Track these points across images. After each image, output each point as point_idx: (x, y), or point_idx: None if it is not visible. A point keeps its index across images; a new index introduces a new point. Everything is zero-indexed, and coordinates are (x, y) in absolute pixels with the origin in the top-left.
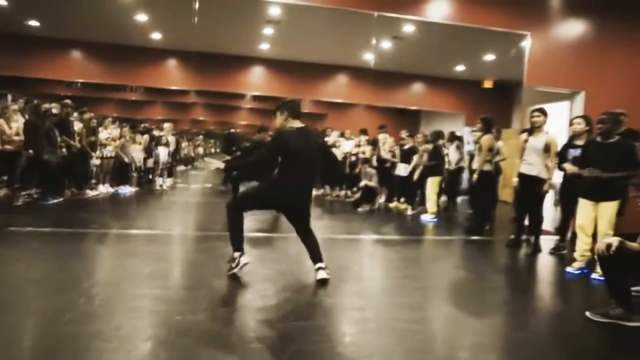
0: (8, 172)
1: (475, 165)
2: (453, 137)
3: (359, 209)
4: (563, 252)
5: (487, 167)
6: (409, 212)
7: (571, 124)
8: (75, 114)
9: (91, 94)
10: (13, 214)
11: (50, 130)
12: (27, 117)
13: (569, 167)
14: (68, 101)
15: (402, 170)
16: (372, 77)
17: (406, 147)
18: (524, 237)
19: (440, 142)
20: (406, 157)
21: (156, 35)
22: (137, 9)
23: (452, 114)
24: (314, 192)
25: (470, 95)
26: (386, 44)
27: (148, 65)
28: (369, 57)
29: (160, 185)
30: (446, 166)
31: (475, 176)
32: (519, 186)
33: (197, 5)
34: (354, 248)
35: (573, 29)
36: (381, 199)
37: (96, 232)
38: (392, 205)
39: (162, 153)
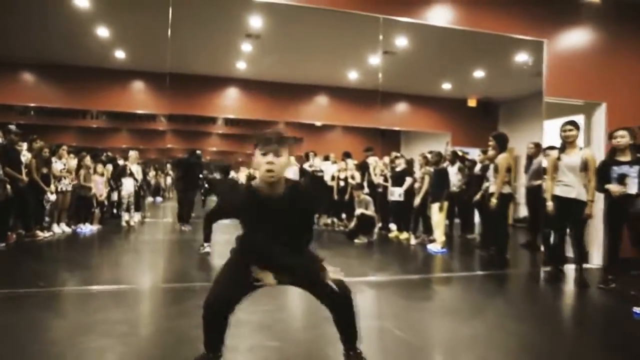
0: None
1: (492, 187)
2: (455, 158)
3: (356, 241)
4: (612, 286)
5: (506, 190)
6: (413, 241)
7: (612, 137)
8: (24, 143)
9: (48, 121)
10: None
11: None
12: None
13: (615, 187)
14: (13, 126)
15: (395, 194)
16: (352, 97)
17: (398, 169)
18: (561, 267)
19: (445, 164)
20: (398, 180)
21: (119, 54)
22: (97, 23)
23: (434, 134)
24: None
25: (455, 114)
26: (374, 60)
27: (110, 88)
28: (352, 76)
29: (127, 222)
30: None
31: (493, 200)
32: (554, 211)
33: (170, 18)
34: (360, 295)
35: (591, 36)
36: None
37: (41, 292)
38: (392, 235)
39: (127, 184)
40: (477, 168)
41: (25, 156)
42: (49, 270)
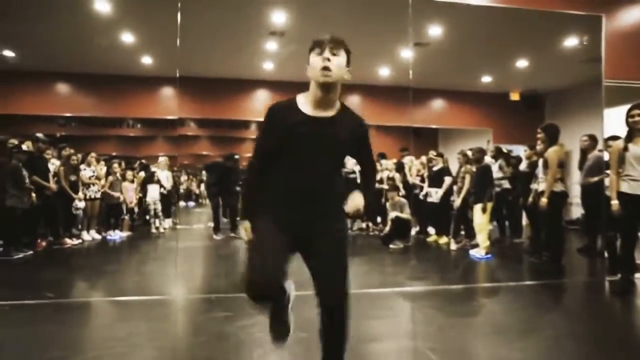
0: None
1: (542, 186)
2: (498, 154)
3: (391, 246)
4: None
5: (559, 188)
6: (453, 246)
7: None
8: (52, 151)
9: (88, 132)
10: None
11: (17, 170)
12: None
13: None
14: (40, 135)
15: (432, 195)
16: (385, 95)
17: (435, 168)
18: (631, 277)
19: (487, 160)
20: (437, 180)
21: (146, 60)
22: (121, 31)
23: (474, 131)
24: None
25: (496, 109)
26: (405, 54)
27: (141, 95)
28: (383, 72)
29: (157, 228)
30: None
31: (544, 200)
32: (621, 210)
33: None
34: (392, 309)
35: None
36: (412, 232)
37: (61, 303)
38: (431, 239)
39: (152, 191)
40: (524, 165)
41: (54, 164)
42: (67, 280)
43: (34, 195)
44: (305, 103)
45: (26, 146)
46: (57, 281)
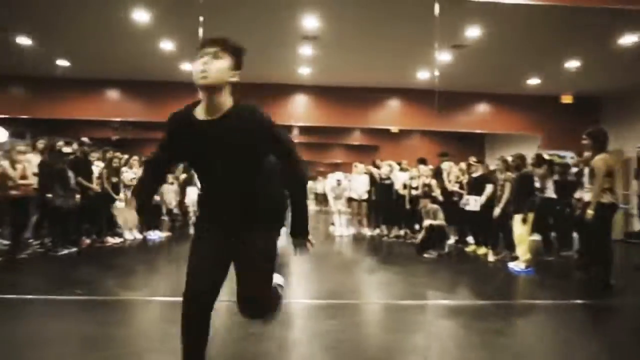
0: (13, 220)
1: (588, 196)
2: (540, 161)
3: (425, 255)
4: None
5: (607, 199)
6: (491, 258)
7: None
8: (96, 154)
9: (140, 135)
10: (6, 272)
11: (63, 171)
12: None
13: None
14: (85, 139)
15: (472, 203)
16: (428, 99)
17: (475, 175)
18: None
19: (529, 168)
20: (476, 187)
21: (185, 67)
22: (160, 38)
23: (522, 136)
24: (365, 231)
25: (546, 113)
26: (445, 57)
27: (181, 100)
28: (425, 75)
29: None
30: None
31: (589, 211)
32: None
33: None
34: (418, 325)
35: None
36: (451, 241)
37: (84, 299)
38: (469, 249)
39: (191, 193)
40: (570, 173)
41: (98, 166)
42: (104, 277)
43: (78, 196)
44: (199, 109)
45: (72, 149)
46: (95, 278)
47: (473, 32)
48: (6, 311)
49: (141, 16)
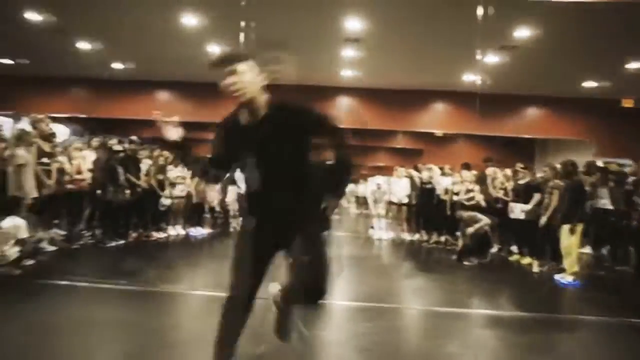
0: (69, 212)
1: None
2: (592, 170)
3: (465, 262)
4: None
5: None
6: (535, 268)
7: None
8: (145, 152)
9: (187, 135)
10: (61, 260)
11: (114, 168)
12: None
13: None
14: (135, 138)
15: (517, 211)
16: (475, 102)
17: (522, 182)
18: None
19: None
20: (522, 195)
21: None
22: (208, 41)
23: (576, 142)
24: (405, 236)
25: (602, 118)
26: (492, 58)
27: (230, 102)
28: (471, 78)
29: (235, 227)
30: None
31: None
32: None
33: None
34: (450, 333)
35: None
36: (494, 249)
37: (128, 289)
38: (513, 258)
39: (231, 192)
40: (628, 182)
41: (146, 164)
42: (147, 269)
43: (127, 191)
44: (242, 114)
45: (123, 147)
46: (139, 270)
47: (523, 32)
48: (58, 295)
49: (190, 21)
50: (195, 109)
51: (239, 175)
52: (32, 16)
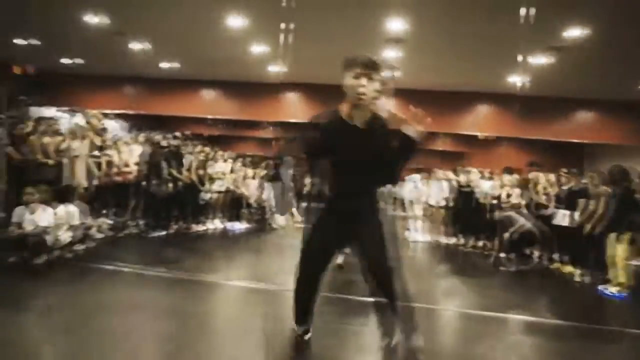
0: (116, 203)
1: None
2: None
3: (501, 268)
4: None
5: None
6: (578, 278)
7: None
8: (188, 147)
9: (231, 132)
10: (107, 247)
11: (159, 162)
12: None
13: None
14: (178, 134)
15: (560, 218)
16: (520, 105)
17: (567, 188)
18: None
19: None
20: (567, 201)
21: (273, 69)
22: (254, 41)
23: (628, 147)
24: (441, 239)
25: None
26: (539, 59)
27: (271, 100)
28: (515, 80)
29: (270, 224)
30: None
31: None
32: None
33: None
34: (493, 336)
35: None
36: (535, 255)
37: (168, 276)
38: (554, 266)
39: (269, 189)
40: None
41: (188, 159)
42: (186, 258)
43: (170, 185)
44: (345, 115)
45: (168, 142)
46: (178, 259)
47: (574, 32)
48: (104, 279)
49: (234, 22)
50: (238, 108)
51: (283, 171)
52: (91, 19)
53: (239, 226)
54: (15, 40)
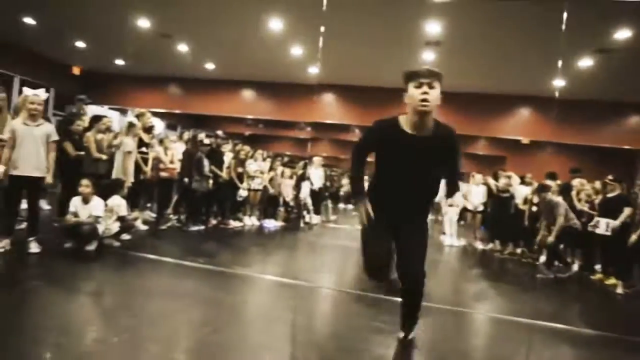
0: (160, 197)
1: None
2: None
3: (538, 275)
4: None
5: None
6: (620, 290)
7: None
8: (228, 146)
9: (269, 132)
10: (151, 238)
11: (201, 159)
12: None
13: None
14: (220, 132)
15: (602, 227)
16: (567, 109)
17: (610, 195)
18: None
19: None
20: (611, 209)
21: (312, 70)
22: (292, 44)
23: None
24: (476, 244)
25: None
26: (584, 62)
27: (307, 101)
28: (560, 83)
29: (307, 223)
30: None
31: None
32: None
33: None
34: (526, 342)
35: None
36: (575, 265)
37: (205, 267)
38: (595, 277)
39: (304, 188)
40: None
41: (228, 157)
42: (224, 252)
43: (211, 181)
44: (405, 124)
45: (209, 141)
46: (216, 252)
47: (623, 33)
48: (147, 267)
49: (276, 25)
50: (275, 108)
51: (314, 172)
52: (143, 23)
53: (275, 224)
54: (75, 43)
